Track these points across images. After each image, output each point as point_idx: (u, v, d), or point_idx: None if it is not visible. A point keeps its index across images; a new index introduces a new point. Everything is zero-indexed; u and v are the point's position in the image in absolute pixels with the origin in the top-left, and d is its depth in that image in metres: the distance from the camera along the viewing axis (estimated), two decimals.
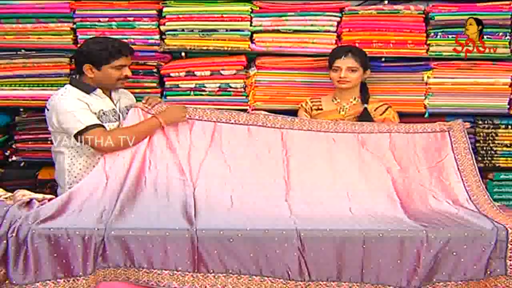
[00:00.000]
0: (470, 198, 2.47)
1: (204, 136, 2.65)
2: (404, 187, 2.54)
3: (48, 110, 2.67)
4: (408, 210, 2.43)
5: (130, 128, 2.62)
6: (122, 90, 2.90)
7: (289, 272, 2.15)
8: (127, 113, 2.77)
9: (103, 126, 2.60)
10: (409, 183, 2.56)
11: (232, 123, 2.71)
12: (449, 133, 2.69)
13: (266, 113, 2.89)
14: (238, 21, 3.23)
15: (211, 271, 2.14)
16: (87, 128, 2.54)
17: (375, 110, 2.98)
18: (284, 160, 2.61)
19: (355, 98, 3.01)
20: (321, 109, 3.06)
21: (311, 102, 3.10)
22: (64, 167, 2.67)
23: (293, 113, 3.13)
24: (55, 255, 2.09)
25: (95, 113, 2.63)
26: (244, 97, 3.32)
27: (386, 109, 2.99)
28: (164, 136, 2.62)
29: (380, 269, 2.17)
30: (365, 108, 2.95)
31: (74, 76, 2.77)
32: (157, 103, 2.74)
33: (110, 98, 2.78)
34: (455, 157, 2.61)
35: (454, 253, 2.17)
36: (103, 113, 2.69)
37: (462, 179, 2.54)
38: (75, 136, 2.56)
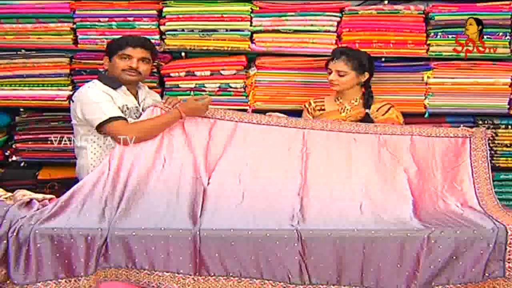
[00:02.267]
0: (479, 204, 2.46)
1: (224, 135, 2.64)
2: (418, 188, 2.54)
3: (73, 101, 2.69)
4: (417, 208, 2.42)
5: (150, 120, 2.60)
6: (148, 90, 2.92)
7: (290, 276, 2.15)
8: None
9: (126, 119, 2.60)
10: (423, 185, 2.56)
11: (254, 123, 2.70)
12: (470, 140, 2.67)
13: (285, 115, 2.87)
14: (238, 21, 3.23)
15: (212, 274, 2.14)
16: (110, 120, 2.54)
17: (377, 111, 2.95)
18: (303, 157, 2.60)
19: (356, 100, 2.99)
20: (324, 109, 3.05)
21: (314, 102, 3.09)
22: (88, 162, 2.66)
23: (293, 113, 3.12)
24: (57, 255, 2.08)
25: (119, 107, 2.64)
26: (244, 97, 3.33)
27: (389, 108, 2.96)
28: (183, 133, 2.61)
29: (380, 273, 2.16)
30: (367, 113, 2.92)
31: (102, 72, 2.80)
32: (177, 103, 2.70)
33: (136, 97, 2.80)
34: (471, 164, 2.60)
35: (454, 257, 2.17)
36: (127, 108, 2.69)
37: (475, 186, 2.54)
38: (98, 127, 2.57)
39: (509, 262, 2.18)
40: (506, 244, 2.17)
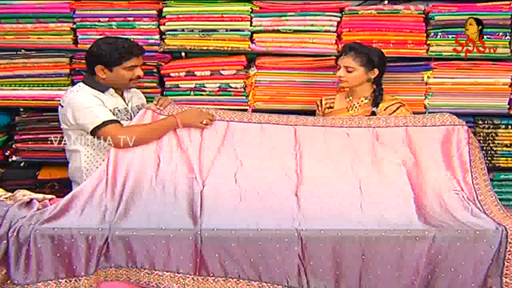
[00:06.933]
0: (477, 197, 2.42)
1: (216, 135, 2.63)
2: (418, 180, 2.47)
3: (62, 107, 2.66)
4: (420, 205, 2.36)
5: (147, 125, 2.60)
6: (133, 90, 2.89)
7: (288, 279, 2.14)
8: (138, 112, 2.74)
9: (119, 122, 2.60)
10: (423, 176, 2.48)
11: (245, 122, 2.69)
12: (467, 128, 2.60)
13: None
14: (238, 21, 3.23)
15: (211, 274, 2.13)
16: (104, 124, 2.53)
17: (384, 110, 2.88)
18: (297, 154, 2.57)
19: (366, 98, 2.94)
20: (332, 107, 3.02)
21: (325, 100, 3.06)
22: (81, 165, 2.67)
23: (293, 113, 3.12)
24: (58, 255, 2.08)
25: (110, 111, 2.63)
26: (244, 97, 3.33)
27: (398, 108, 2.89)
28: (175, 135, 2.60)
29: (378, 281, 2.14)
30: (373, 112, 2.87)
31: (87, 75, 2.76)
32: (169, 104, 2.70)
33: (122, 97, 2.78)
34: (469, 152, 2.54)
35: (452, 269, 2.13)
36: (118, 111, 2.69)
37: (472, 176, 2.49)
38: (92, 131, 2.55)
39: (506, 278, 2.14)
40: (504, 259, 2.13)
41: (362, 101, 2.94)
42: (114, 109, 2.68)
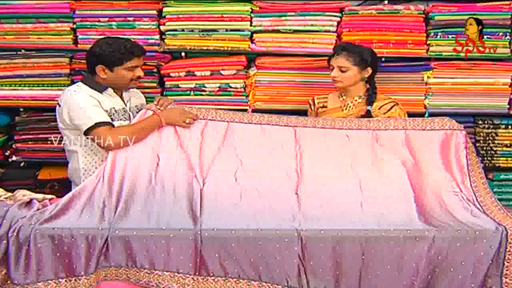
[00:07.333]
0: (477, 199, 2.42)
1: (216, 135, 2.63)
2: (418, 181, 2.48)
3: (59, 106, 2.67)
4: (421, 205, 2.36)
5: (131, 126, 2.60)
6: (133, 90, 2.89)
7: (288, 279, 2.14)
8: (137, 112, 2.73)
9: (111, 124, 2.59)
10: (423, 177, 2.49)
11: (245, 123, 2.69)
12: (465, 132, 2.61)
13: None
14: (238, 21, 3.24)
15: (211, 274, 2.13)
16: (95, 125, 2.53)
17: (379, 109, 2.89)
18: (297, 155, 2.57)
19: (360, 97, 2.95)
20: (326, 106, 3.02)
21: (318, 99, 3.07)
22: (79, 166, 2.67)
23: (293, 113, 3.12)
24: (58, 254, 2.08)
25: (107, 111, 2.63)
26: (244, 97, 3.33)
27: (392, 107, 2.90)
28: (176, 134, 2.61)
29: (378, 281, 2.14)
30: (368, 111, 2.88)
31: (86, 75, 2.76)
32: (169, 104, 2.71)
33: (121, 97, 2.78)
34: (466, 156, 2.56)
35: (452, 269, 2.13)
36: (115, 111, 2.69)
37: (470, 179, 2.50)
38: (85, 132, 2.56)
39: (506, 278, 2.14)
40: (504, 259, 2.13)
41: (356, 100, 2.96)
42: (111, 109, 2.67)
